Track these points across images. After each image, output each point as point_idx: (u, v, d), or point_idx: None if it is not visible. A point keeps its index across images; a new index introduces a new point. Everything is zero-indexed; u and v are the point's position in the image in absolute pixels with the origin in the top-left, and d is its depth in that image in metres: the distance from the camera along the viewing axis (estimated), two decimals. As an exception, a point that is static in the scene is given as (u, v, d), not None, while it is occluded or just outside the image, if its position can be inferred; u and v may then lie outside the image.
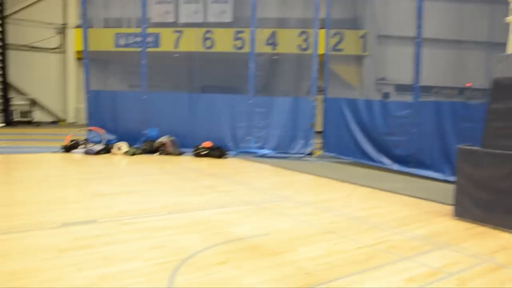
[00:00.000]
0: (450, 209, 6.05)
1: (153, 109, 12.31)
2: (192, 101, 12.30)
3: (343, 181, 8.59)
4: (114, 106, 12.52)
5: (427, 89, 11.48)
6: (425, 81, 9.85)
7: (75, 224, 5.10)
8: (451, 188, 6.19)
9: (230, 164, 10.61)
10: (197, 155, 11.49)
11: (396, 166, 9.86)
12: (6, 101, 19.88)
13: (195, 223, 5.33)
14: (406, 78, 10.02)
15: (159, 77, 13.16)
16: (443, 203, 6.56)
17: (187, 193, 7.08)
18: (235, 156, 11.80)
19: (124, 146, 11.55)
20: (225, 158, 11.43)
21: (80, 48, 13.30)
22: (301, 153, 11.90)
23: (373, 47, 12.78)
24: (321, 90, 12.41)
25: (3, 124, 19.15)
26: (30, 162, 9.99)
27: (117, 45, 14.91)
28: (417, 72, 9.57)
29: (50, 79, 21.70)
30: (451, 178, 7.49)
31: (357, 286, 3.62)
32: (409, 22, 9.93)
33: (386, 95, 13.09)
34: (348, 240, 4.82)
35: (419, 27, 9.61)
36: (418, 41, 9.61)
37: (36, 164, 9.72)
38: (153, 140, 11.89)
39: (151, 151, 11.70)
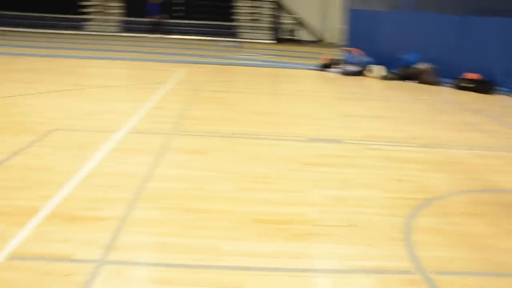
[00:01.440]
0: None
1: (414, 32, 11.33)
2: (460, 25, 10.80)
3: None
4: (373, 27, 12.03)
5: None
6: None
7: (321, 140, 5.15)
8: None
9: (498, 102, 9.12)
10: (459, 87, 10.26)
11: None
12: (277, 19, 21.54)
13: (447, 161, 4.74)
14: None
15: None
16: None
17: (442, 127, 6.38)
18: (506, 93, 10.10)
19: (379, 69, 11.14)
20: (493, 94, 9.90)
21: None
22: None
23: None
24: None
25: (275, 41, 20.92)
26: (291, 76, 10.77)
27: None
28: None
29: (314, -1, 22.37)
30: None
31: None
32: None
33: None
34: None
35: None
36: None
37: (295, 79, 10.38)
38: (411, 66, 11.11)
39: (407, 77, 10.98)
